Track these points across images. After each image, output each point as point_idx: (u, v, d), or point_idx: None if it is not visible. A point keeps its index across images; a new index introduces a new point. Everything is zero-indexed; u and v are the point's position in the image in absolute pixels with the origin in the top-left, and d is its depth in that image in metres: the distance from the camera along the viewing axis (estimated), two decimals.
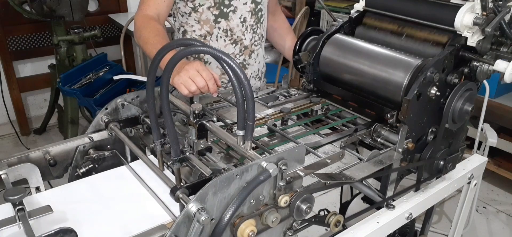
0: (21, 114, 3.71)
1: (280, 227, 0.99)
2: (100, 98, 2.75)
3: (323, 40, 1.42)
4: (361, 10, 1.48)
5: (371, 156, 1.11)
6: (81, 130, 3.28)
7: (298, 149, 0.95)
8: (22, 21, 3.36)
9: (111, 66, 3.03)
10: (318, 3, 4.14)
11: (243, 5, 1.62)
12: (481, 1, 1.16)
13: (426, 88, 1.16)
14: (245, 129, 0.96)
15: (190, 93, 1.22)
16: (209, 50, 0.91)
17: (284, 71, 3.41)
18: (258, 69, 1.78)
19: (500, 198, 3.06)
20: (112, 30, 3.96)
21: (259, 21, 1.70)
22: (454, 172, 1.33)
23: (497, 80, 2.71)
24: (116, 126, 1.24)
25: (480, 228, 2.77)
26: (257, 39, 1.72)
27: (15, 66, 3.62)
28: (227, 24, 1.62)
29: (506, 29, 1.17)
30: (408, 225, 1.35)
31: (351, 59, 1.34)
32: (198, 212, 0.81)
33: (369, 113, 1.32)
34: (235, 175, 0.86)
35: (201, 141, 1.12)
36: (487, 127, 2.36)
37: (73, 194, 1.10)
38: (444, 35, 1.26)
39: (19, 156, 1.13)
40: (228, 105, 1.38)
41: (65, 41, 3.14)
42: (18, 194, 0.88)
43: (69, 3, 3.04)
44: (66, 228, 0.85)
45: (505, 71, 1.15)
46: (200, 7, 1.59)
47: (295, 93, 1.47)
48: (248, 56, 1.71)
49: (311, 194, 0.96)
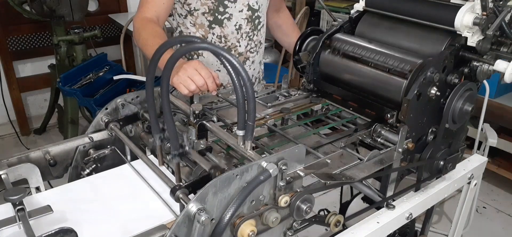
0: (21, 114, 3.71)
1: (280, 227, 0.99)
2: (100, 98, 2.75)
3: (323, 40, 1.42)
4: (361, 10, 1.48)
5: (371, 156, 1.11)
6: (81, 130, 3.27)
7: (298, 149, 0.95)
8: (22, 21, 3.36)
9: (111, 66, 3.03)
10: (318, 3, 4.14)
11: (238, 12, 1.61)
12: (481, 1, 1.16)
13: (426, 88, 1.16)
14: (245, 129, 0.96)
15: (189, 93, 1.21)
16: (209, 47, 0.91)
17: (284, 71, 3.41)
18: (252, 75, 1.78)
19: (500, 198, 3.06)
20: (112, 30, 3.96)
21: (256, 29, 1.68)
22: (454, 172, 1.33)
23: (497, 80, 2.71)
24: (116, 125, 1.24)
25: (480, 228, 2.77)
26: (253, 46, 1.70)
27: (15, 66, 3.62)
28: (221, 31, 1.62)
29: (506, 29, 1.17)
30: (408, 225, 1.35)
31: (351, 59, 1.34)
32: (198, 212, 0.81)
33: (369, 113, 1.32)
34: (235, 175, 0.86)
35: (201, 141, 1.12)
36: (487, 127, 2.36)
37: (73, 194, 1.10)
38: (444, 35, 1.26)
39: (19, 156, 1.13)
40: (228, 105, 1.38)
41: (65, 41, 3.14)
42: (18, 194, 0.88)
43: (69, 3, 3.04)
44: (66, 228, 0.85)
45: (505, 71, 1.15)
46: (195, 12, 1.59)
47: (295, 93, 1.47)
48: (242, 63, 1.70)
49: (311, 194, 0.96)
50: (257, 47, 1.73)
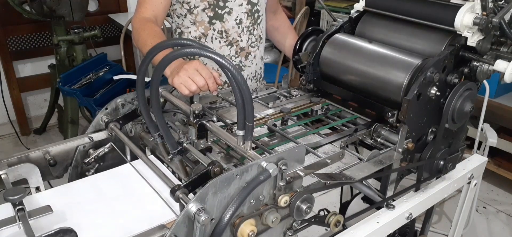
0: (21, 114, 3.71)
1: (280, 227, 0.99)
2: (100, 98, 2.75)
3: (323, 40, 1.42)
4: (361, 10, 1.48)
5: (371, 156, 1.11)
6: (81, 130, 3.28)
7: (298, 149, 0.95)
8: (22, 21, 3.37)
9: (111, 66, 3.03)
10: (318, 3, 4.14)
11: (238, 6, 1.61)
12: (481, 1, 1.16)
13: (426, 88, 1.16)
14: (245, 129, 0.96)
15: (190, 93, 1.21)
16: (202, 52, 0.91)
17: (284, 71, 3.41)
18: (255, 71, 1.78)
19: (500, 198, 3.06)
20: (112, 30, 3.96)
21: (256, 22, 1.69)
22: (454, 172, 1.33)
23: (497, 80, 2.70)
24: (116, 126, 1.24)
25: (480, 228, 2.77)
26: (254, 40, 1.71)
27: (15, 66, 3.62)
28: (222, 26, 1.62)
29: (506, 29, 1.17)
30: (408, 225, 1.35)
31: (351, 59, 1.34)
32: (198, 212, 0.81)
33: (369, 113, 1.32)
34: (235, 175, 0.86)
35: (201, 141, 1.12)
36: (487, 127, 2.36)
37: (73, 194, 1.10)
38: (444, 35, 1.26)
39: (19, 156, 1.13)
40: (228, 105, 1.38)
41: (65, 41, 3.14)
42: (18, 194, 0.88)
43: (69, 3, 3.04)
44: (66, 228, 0.85)
45: (505, 71, 1.15)
46: (195, 9, 1.59)
47: (296, 93, 1.47)
48: (244, 58, 1.70)
49: (311, 194, 0.96)
50: (258, 42, 1.74)
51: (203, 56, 0.92)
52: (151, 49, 1.00)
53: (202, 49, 0.93)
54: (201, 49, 0.93)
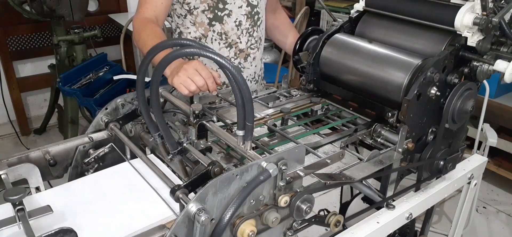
0: (21, 114, 3.72)
1: (280, 227, 0.99)
2: (100, 98, 2.75)
3: (323, 40, 1.42)
4: (361, 10, 1.48)
5: (371, 156, 1.11)
6: (81, 130, 3.27)
7: (298, 149, 0.95)
8: (22, 21, 3.37)
9: (111, 66, 3.03)
10: (318, 3, 4.14)
11: (238, 8, 1.61)
12: (481, 1, 1.16)
13: (426, 88, 1.16)
14: (245, 129, 0.96)
15: (189, 93, 1.21)
16: (202, 52, 0.91)
17: (284, 71, 3.41)
18: (255, 72, 1.78)
19: (500, 198, 3.06)
20: (112, 30, 3.96)
21: (256, 25, 1.69)
22: (454, 172, 1.33)
23: (497, 80, 2.70)
24: (116, 126, 1.24)
25: (480, 228, 2.77)
26: (253, 42, 1.71)
27: (15, 66, 3.62)
28: (221, 28, 1.62)
29: (506, 29, 1.17)
30: (408, 225, 1.35)
31: (351, 59, 1.34)
32: (198, 212, 0.81)
33: (369, 113, 1.32)
34: (235, 175, 0.86)
35: (201, 141, 1.12)
36: (487, 127, 2.36)
37: (73, 194, 1.10)
38: (444, 35, 1.26)
39: (19, 156, 1.13)
40: (228, 105, 1.38)
41: (65, 41, 3.14)
42: (18, 194, 0.88)
43: (69, 3, 3.04)
44: (66, 228, 0.85)
45: (505, 71, 1.15)
46: (195, 10, 1.59)
47: (296, 93, 1.47)
48: (243, 59, 1.70)
49: (311, 194, 0.96)
50: (258, 44, 1.74)
51: (203, 56, 0.92)
52: (151, 49, 1.00)
53: (202, 49, 0.93)
54: (201, 49, 0.92)
